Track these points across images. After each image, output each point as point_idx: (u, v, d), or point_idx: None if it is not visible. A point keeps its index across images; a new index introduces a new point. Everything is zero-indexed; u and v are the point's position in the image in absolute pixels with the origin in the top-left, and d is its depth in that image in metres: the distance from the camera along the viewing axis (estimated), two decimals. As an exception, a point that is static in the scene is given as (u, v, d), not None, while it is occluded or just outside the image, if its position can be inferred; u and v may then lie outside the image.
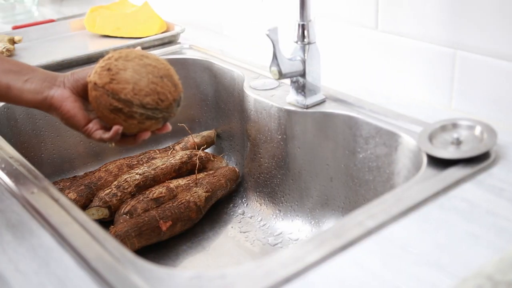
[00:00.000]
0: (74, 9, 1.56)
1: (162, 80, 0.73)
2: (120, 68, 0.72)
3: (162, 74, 0.73)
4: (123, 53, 0.74)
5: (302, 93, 0.91)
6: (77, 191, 0.97)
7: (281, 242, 0.95)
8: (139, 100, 0.71)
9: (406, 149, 0.80)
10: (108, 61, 0.73)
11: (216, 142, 1.17)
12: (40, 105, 0.75)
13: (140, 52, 0.75)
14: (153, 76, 0.72)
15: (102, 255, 0.58)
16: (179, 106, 0.77)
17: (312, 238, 0.59)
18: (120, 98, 0.71)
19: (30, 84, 0.74)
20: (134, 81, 0.71)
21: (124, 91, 0.71)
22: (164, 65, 0.74)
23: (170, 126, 0.78)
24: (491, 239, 0.58)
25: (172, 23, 1.29)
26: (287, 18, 1.10)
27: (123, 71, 0.71)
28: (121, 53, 0.74)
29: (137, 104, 0.71)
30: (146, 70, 0.72)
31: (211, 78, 1.15)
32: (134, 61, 0.72)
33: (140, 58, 0.73)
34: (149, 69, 0.72)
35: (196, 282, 0.54)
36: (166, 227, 0.90)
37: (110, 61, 0.73)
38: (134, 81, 0.71)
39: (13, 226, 0.66)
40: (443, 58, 0.87)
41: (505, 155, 0.73)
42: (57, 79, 0.76)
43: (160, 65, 0.74)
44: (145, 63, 0.73)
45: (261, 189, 1.02)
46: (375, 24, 0.95)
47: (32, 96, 0.74)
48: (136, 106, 0.71)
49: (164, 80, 0.73)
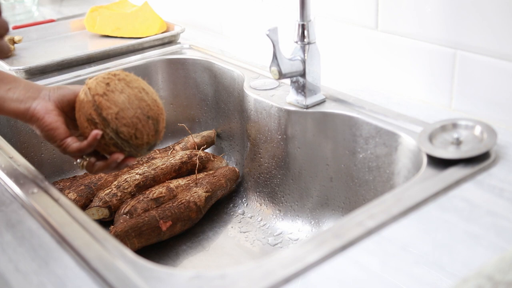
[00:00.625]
0: (74, 9, 1.56)
1: (147, 120, 0.74)
2: (118, 89, 0.73)
3: (151, 115, 0.74)
4: (129, 78, 0.75)
5: (302, 93, 0.91)
6: (77, 191, 0.97)
7: (281, 242, 0.95)
8: (116, 126, 0.72)
9: (406, 149, 0.80)
10: (112, 77, 0.74)
11: (216, 142, 1.17)
12: (22, 115, 0.74)
13: (144, 86, 0.75)
14: (141, 112, 0.73)
15: (102, 255, 0.58)
16: (149, 151, 0.78)
17: (312, 238, 0.59)
18: (101, 114, 0.72)
19: (13, 93, 0.74)
20: (122, 108, 0.72)
21: (109, 110, 0.72)
22: (157, 109, 0.75)
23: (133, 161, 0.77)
24: (491, 239, 0.58)
25: (172, 23, 1.29)
26: (287, 18, 1.10)
27: (118, 93, 0.73)
28: (127, 77, 0.75)
29: (112, 128, 0.72)
30: (139, 104, 0.73)
31: (211, 78, 1.15)
32: (134, 91, 0.73)
33: (140, 90, 0.74)
34: (142, 105, 0.73)
35: (196, 282, 0.54)
36: (166, 227, 0.90)
37: (114, 77, 0.74)
38: (122, 108, 0.72)
39: (13, 226, 0.66)
40: (443, 58, 0.87)
41: (505, 155, 0.73)
42: (42, 91, 0.76)
43: (154, 107, 0.75)
44: (142, 97, 0.74)
45: (261, 189, 1.02)
46: (375, 24, 0.95)
47: (15, 105, 0.74)
48: (110, 129, 0.72)
49: (149, 121, 0.74)
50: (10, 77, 0.76)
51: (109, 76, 0.74)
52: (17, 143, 1.04)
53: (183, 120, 1.21)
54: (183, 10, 1.41)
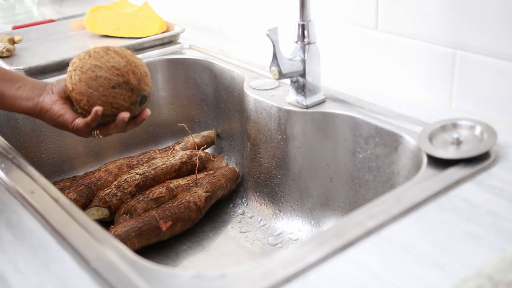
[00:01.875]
0: (74, 9, 1.56)
1: (113, 91, 0.77)
2: (76, 80, 0.78)
3: (114, 84, 0.77)
4: (82, 62, 0.79)
5: (302, 93, 0.91)
6: (77, 191, 0.97)
7: (281, 242, 0.95)
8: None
9: (406, 149, 0.80)
10: (70, 68, 0.80)
11: (216, 142, 1.17)
12: (31, 111, 0.81)
13: (95, 60, 0.79)
14: (104, 88, 0.77)
15: (102, 255, 0.58)
16: (145, 102, 0.82)
17: (312, 238, 0.59)
18: (80, 107, 0.79)
19: (22, 92, 0.81)
20: (88, 94, 0.78)
21: (81, 102, 0.79)
22: (118, 71, 0.78)
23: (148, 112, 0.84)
24: (491, 239, 0.58)
25: (172, 23, 1.29)
26: (287, 18, 1.10)
27: (78, 83, 0.78)
28: (80, 60, 0.79)
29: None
30: (97, 83, 0.77)
31: (211, 78, 1.15)
32: (87, 74, 0.78)
33: (93, 69, 0.78)
34: (100, 82, 0.77)
35: (196, 282, 0.54)
36: (166, 227, 0.90)
37: (71, 68, 0.80)
38: (88, 94, 0.78)
39: (13, 226, 0.66)
40: (443, 58, 0.87)
41: (505, 155, 0.73)
42: (46, 87, 0.83)
43: (113, 74, 0.78)
44: (97, 75, 0.77)
45: (261, 189, 1.02)
46: (375, 24, 0.95)
47: (24, 102, 0.81)
48: None
49: (116, 89, 0.78)
50: (18, 77, 0.83)
51: (70, 69, 0.80)
52: (17, 143, 1.04)
53: (183, 120, 1.21)
54: (183, 10, 1.41)
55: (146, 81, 0.81)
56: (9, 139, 0.99)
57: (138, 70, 0.80)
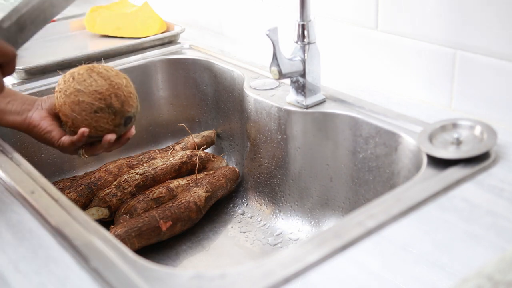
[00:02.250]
0: (74, 9, 1.55)
1: (96, 115, 0.78)
2: (61, 102, 0.79)
3: (96, 108, 0.78)
4: (65, 86, 0.80)
5: (302, 93, 0.91)
6: (77, 191, 0.97)
7: (281, 242, 0.95)
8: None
9: (406, 149, 0.80)
10: (56, 89, 0.81)
11: (216, 142, 1.17)
12: (19, 126, 0.82)
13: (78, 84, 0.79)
14: (86, 113, 0.78)
15: (102, 255, 0.58)
16: (130, 123, 0.83)
17: (312, 238, 0.59)
18: (67, 126, 0.81)
19: (11, 106, 0.82)
20: (72, 118, 0.79)
21: (67, 123, 0.80)
22: (100, 95, 0.79)
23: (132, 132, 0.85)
24: (491, 239, 0.58)
25: (172, 23, 1.29)
26: (287, 18, 1.10)
27: (63, 105, 0.79)
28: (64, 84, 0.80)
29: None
30: (80, 108, 0.78)
31: (211, 78, 1.15)
32: (70, 98, 0.79)
33: (75, 94, 0.78)
34: (82, 106, 0.78)
35: (196, 282, 0.54)
36: (166, 227, 0.90)
37: (57, 89, 0.81)
38: (72, 118, 0.79)
39: (13, 226, 0.66)
40: (443, 58, 0.87)
41: (505, 155, 0.73)
42: (35, 102, 0.84)
43: (95, 99, 0.78)
44: (79, 100, 0.78)
45: (261, 189, 1.02)
46: (375, 24, 0.95)
47: (13, 117, 0.82)
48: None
49: (98, 114, 0.78)
50: (8, 91, 0.84)
51: (56, 89, 0.81)
52: (17, 143, 1.03)
53: (183, 120, 1.21)
54: (183, 10, 1.41)
55: (131, 103, 0.81)
56: (9, 139, 1.00)
57: (121, 92, 0.79)
